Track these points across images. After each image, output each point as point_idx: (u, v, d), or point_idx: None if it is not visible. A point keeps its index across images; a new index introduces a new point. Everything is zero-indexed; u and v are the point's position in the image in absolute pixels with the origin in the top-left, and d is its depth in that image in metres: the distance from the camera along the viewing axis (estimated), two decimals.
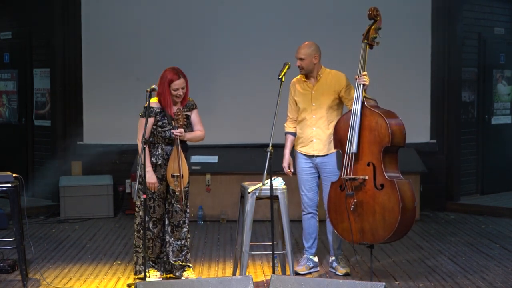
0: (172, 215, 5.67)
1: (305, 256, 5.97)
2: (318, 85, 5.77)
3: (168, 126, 5.53)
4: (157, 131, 5.55)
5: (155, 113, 5.55)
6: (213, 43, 8.66)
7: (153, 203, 5.60)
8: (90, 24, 8.72)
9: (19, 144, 9.38)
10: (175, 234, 5.68)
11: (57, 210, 8.45)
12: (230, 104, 8.71)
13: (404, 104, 8.51)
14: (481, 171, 9.36)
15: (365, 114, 5.41)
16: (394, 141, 5.32)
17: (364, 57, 5.52)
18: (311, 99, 5.77)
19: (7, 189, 5.49)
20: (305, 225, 5.94)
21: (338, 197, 5.47)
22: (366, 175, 5.35)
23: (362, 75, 5.47)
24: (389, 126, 5.29)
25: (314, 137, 5.78)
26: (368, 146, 5.38)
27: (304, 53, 5.69)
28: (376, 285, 3.62)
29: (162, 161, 5.56)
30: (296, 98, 5.84)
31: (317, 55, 5.72)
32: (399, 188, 5.25)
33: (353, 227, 5.37)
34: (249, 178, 6.26)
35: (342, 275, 5.80)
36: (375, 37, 5.57)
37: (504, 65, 9.55)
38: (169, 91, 5.50)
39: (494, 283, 5.59)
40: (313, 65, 5.73)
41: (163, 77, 5.53)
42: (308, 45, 5.74)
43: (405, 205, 5.25)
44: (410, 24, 8.72)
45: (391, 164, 5.41)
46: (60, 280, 5.77)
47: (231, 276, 4.77)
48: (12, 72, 9.48)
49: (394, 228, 5.23)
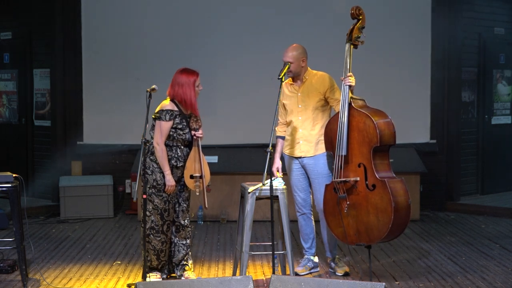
0: (178, 215, 5.67)
1: (305, 257, 5.96)
2: (303, 87, 5.75)
3: (187, 129, 5.52)
4: (177, 134, 5.49)
5: (174, 116, 5.49)
6: (213, 43, 8.65)
7: (167, 205, 5.56)
8: (90, 24, 8.71)
9: (19, 144, 9.38)
10: (181, 234, 5.68)
11: (57, 210, 8.46)
12: (230, 104, 8.71)
13: (404, 104, 8.52)
14: (481, 171, 9.36)
15: (353, 115, 5.40)
16: (383, 140, 5.30)
17: (349, 57, 5.49)
18: (297, 101, 5.76)
19: (7, 189, 5.48)
20: (301, 226, 5.93)
21: (334, 200, 5.47)
22: (357, 176, 5.35)
23: (348, 76, 5.43)
24: (376, 126, 5.27)
25: (300, 139, 5.76)
26: (357, 147, 5.38)
27: (291, 56, 5.65)
28: (376, 285, 3.62)
29: (181, 163, 5.54)
30: (284, 101, 5.83)
31: (304, 58, 5.69)
32: (391, 187, 5.24)
33: (349, 229, 5.38)
34: (249, 178, 6.26)
35: (341, 275, 5.80)
36: (358, 37, 5.52)
37: (504, 65, 9.55)
38: (195, 91, 5.50)
39: (494, 283, 5.59)
40: (301, 68, 5.70)
41: (185, 78, 5.48)
42: (295, 48, 5.70)
43: (398, 205, 5.24)
44: (410, 24, 8.72)
45: (383, 164, 5.40)
46: (60, 280, 5.77)
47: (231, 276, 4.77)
48: (12, 72, 9.48)
49: (388, 227, 5.23)
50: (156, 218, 5.53)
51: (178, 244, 5.70)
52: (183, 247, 5.70)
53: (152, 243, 5.54)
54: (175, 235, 5.69)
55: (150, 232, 5.53)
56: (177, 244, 5.70)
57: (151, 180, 5.48)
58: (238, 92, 8.68)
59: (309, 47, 5.82)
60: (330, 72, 5.87)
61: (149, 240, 5.53)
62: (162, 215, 5.54)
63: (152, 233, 5.53)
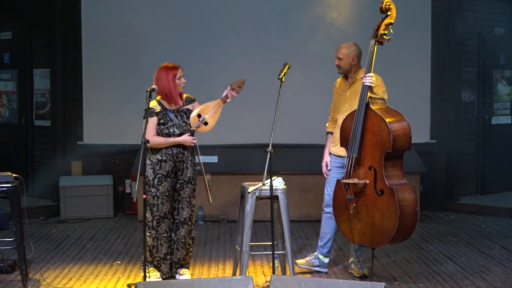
0: (178, 212, 5.68)
1: (315, 254, 5.93)
2: (353, 87, 5.71)
3: (170, 122, 5.59)
4: (160, 129, 5.59)
5: (156, 113, 5.60)
6: (213, 43, 8.65)
7: (156, 201, 5.58)
8: (90, 24, 8.71)
9: (19, 144, 9.38)
10: (180, 231, 5.68)
11: (57, 210, 8.45)
12: (230, 104, 8.64)
13: (404, 104, 8.42)
14: (481, 171, 9.36)
15: (369, 116, 5.28)
16: (396, 146, 5.17)
17: (372, 55, 5.35)
18: (345, 100, 5.74)
19: (7, 189, 5.48)
20: (322, 223, 5.90)
21: (343, 196, 5.41)
22: (367, 179, 5.28)
23: (368, 76, 5.32)
24: (391, 131, 5.13)
25: None
26: (370, 150, 5.27)
27: (342, 53, 5.66)
28: (376, 285, 3.62)
29: (166, 157, 5.58)
30: (334, 97, 5.84)
31: (355, 56, 5.66)
32: (399, 195, 5.14)
33: (353, 229, 5.35)
34: (249, 178, 6.26)
35: (359, 277, 5.77)
36: (385, 33, 5.33)
37: (504, 65, 9.55)
38: (175, 84, 5.60)
39: (494, 283, 5.59)
40: (351, 65, 5.68)
41: (164, 73, 5.61)
42: (348, 45, 5.70)
43: (404, 213, 5.15)
44: (410, 24, 8.72)
45: (395, 168, 5.28)
46: (60, 280, 5.77)
47: (231, 276, 4.77)
48: (12, 72, 9.48)
49: (392, 235, 5.16)
50: (148, 214, 5.55)
51: (177, 242, 5.70)
52: (182, 245, 5.69)
53: (146, 239, 5.54)
54: (175, 233, 5.69)
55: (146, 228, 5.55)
56: (176, 242, 5.70)
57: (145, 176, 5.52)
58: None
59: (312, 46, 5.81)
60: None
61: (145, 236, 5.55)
62: (151, 210, 5.56)
63: (146, 228, 5.54)
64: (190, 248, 5.76)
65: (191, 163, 5.68)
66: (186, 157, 5.65)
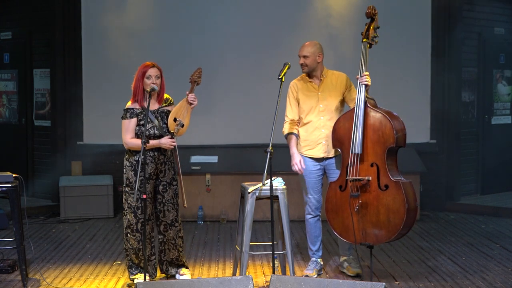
0: (165, 215, 5.64)
1: (313, 260, 5.89)
2: (323, 86, 5.73)
3: (149, 124, 5.51)
4: (140, 131, 5.51)
5: (136, 114, 5.54)
6: (213, 43, 8.65)
7: (140, 203, 5.50)
8: (90, 24, 8.72)
9: (19, 144, 9.38)
10: (169, 233, 5.65)
11: (57, 210, 8.46)
12: (230, 104, 8.71)
13: (404, 104, 8.51)
14: (481, 171, 9.36)
15: (368, 113, 5.39)
16: (398, 141, 5.33)
17: (365, 56, 5.49)
18: (318, 100, 5.73)
19: (7, 189, 5.48)
20: (311, 228, 5.86)
21: (339, 198, 5.45)
22: (369, 175, 5.34)
23: (364, 75, 5.43)
24: (393, 126, 5.29)
25: (323, 139, 5.70)
26: (371, 146, 5.36)
27: (308, 51, 5.66)
28: (376, 285, 3.62)
29: (148, 159, 5.50)
30: (300, 99, 5.77)
31: (320, 54, 5.70)
32: (405, 189, 5.26)
33: (356, 228, 5.36)
34: (249, 178, 6.26)
35: (353, 276, 5.78)
36: (375, 36, 5.55)
37: (504, 65, 9.55)
38: (142, 82, 5.51)
39: (494, 283, 5.59)
40: (317, 64, 5.70)
41: (138, 71, 5.56)
42: (312, 44, 5.72)
43: (410, 206, 5.27)
44: (410, 24, 8.73)
45: (393, 165, 5.41)
46: (60, 280, 5.77)
47: (231, 276, 4.77)
48: (12, 72, 9.48)
49: (399, 229, 5.23)
50: (131, 217, 5.52)
51: (167, 243, 5.67)
52: (173, 246, 5.67)
53: (130, 242, 5.53)
54: (164, 234, 5.66)
55: (128, 231, 5.54)
56: (166, 243, 5.67)
57: (124, 179, 5.49)
58: (239, 92, 8.67)
59: None
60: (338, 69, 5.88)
61: (127, 239, 5.54)
62: (135, 213, 5.52)
63: (129, 232, 5.53)
64: (180, 248, 5.72)
65: (172, 164, 5.65)
66: (167, 158, 5.60)
